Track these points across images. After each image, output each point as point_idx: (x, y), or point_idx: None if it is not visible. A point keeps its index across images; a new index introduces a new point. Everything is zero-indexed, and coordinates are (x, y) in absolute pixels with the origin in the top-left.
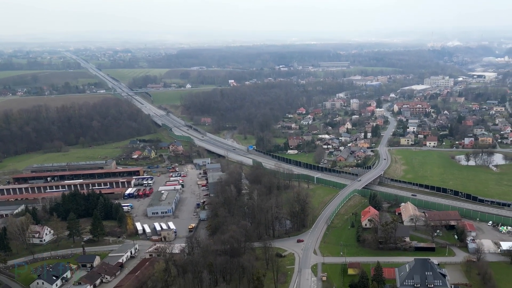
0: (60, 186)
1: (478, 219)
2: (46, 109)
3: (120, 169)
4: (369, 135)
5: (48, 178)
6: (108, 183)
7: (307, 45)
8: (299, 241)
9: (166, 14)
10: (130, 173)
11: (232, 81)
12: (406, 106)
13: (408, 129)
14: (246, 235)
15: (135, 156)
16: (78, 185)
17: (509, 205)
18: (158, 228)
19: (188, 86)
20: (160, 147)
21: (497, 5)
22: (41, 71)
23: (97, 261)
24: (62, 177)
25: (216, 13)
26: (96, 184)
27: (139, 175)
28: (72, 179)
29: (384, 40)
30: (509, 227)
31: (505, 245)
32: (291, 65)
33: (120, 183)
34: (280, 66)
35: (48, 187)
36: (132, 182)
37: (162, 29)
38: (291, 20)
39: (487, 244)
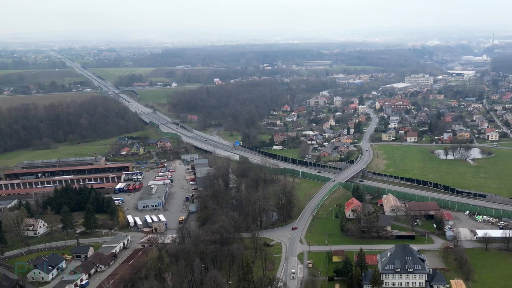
0: (51, 182)
1: (455, 209)
2: (35, 107)
3: (110, 165)
4: (352, 131)
5: (39, 174)
6: (98, 179)
7: (291, 44)
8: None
9: (149, 13)
10: (120, 169)
11: (217, 79)
12: (387, 103)
13: (389, 125)
14: (234, 225)
15: (123, 153)
16: (69, 181)
17: (484, 196)
18: (149, 220)
19: (174, 84)
20: (148, 143)
21: (476, 7)
22: (27, 70)
23: (91, 252)
24: (53, 173)
25: (199, 12)
26: (86, 180)
27: (128, 170)
28: (63, 175)
29: (366, 39)
30: (484, 216)
31: (480, 233)
32: (275, 64)
33: (110, 178)
34: (264, 64)
35: (39, 183)
36: (122, 177)
37: (145, 28)
38: (274, 19)
39: (463, 232)
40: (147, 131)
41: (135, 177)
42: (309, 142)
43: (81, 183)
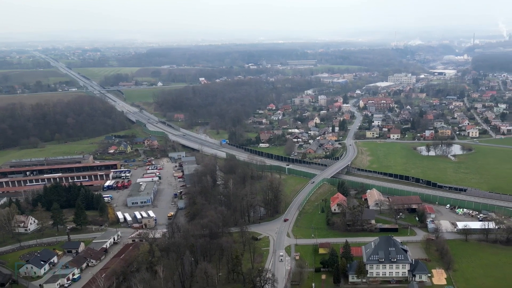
0: (39, 180)
1: (437, 202)
2: (21, 106)
3: (98, 163)
4: (336, 129)
5: (27, 173)
6: (86, 176)
7: (275, 44)
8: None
9: (133, 13)
10: (108, 167)
11: (203, 79)
12: (371, 101)
13: (373, 123)
14: (223, 220)
15: (111, 151)
16: (57, 179)
17: (465, 190)
18: (138, 216)
19: (160, 84)
20: (136, 142)
21: (457, 8)
22: (11, 70)
23: (81, 247)
24: (41, 172)
25: (183, 12)
26: (75, 178)
27: (116, 168)
28: (51, 173)
29: (349, 39)
30: (464, 209)
31: (460, 225)
32: (260, 63)
33: (98, 176)
34: (249, 64)
35: (28, 181)
36: (110, 175)
37: (130, 28)
38: (259, 19)
39: (444, 224)
40: (134, 130)
41: (124, 174)
42: (295, 140)
43: (70, 181)
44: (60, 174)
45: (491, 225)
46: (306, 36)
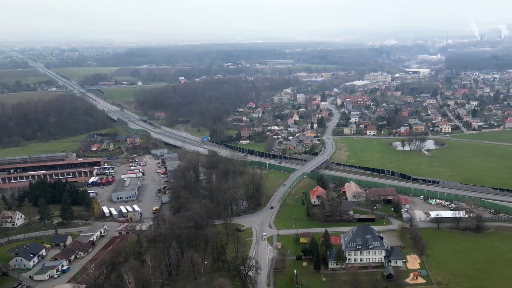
0: (24, 177)
1: (411, 194)
2: (2, 105)
3: (81, 160)
4: (315, 126)
5: (11, 170)
6: (70, 173)
7: (254, 44)
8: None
9: (110, 13)
10: (91, 164)
11: (183, 78)
12: (348, 99)
13: (350, 120)
14: (207, 212)
15: (94, 149)
16: (41, 176)
17: (437, 182)
18: (124, 210)
19: (140, 83)
20: (118, 140)
21: (430, 9)
22: None
23: (69, 240)
24: (25, 169)
25: (161, 12)
26: (59, 175)
27: (100, 165)
28: (35, 171)
29: (326, 39)
30: (437, 200)
31: (433, 214)
32: (239, 63)
33: (82, 172)
34: (229, 63)
35: (12, 178)
36: (94, 172)
37: (107, 27)
38: (236, 18)
39: (418, 214)
40: (115, 128)
41: (107, 171)
42: (275, 136)
43: (54, 178)
44: (44, 171)
45: (462, 214)
46: (284, 36)
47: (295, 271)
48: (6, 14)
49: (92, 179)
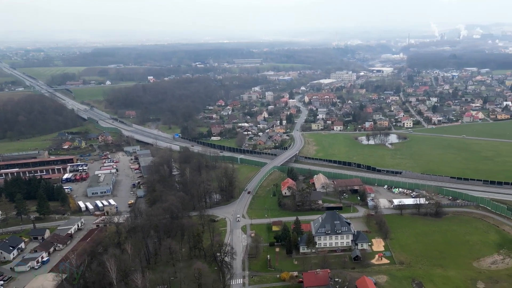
0: None
1: (376, 184)
2: None
3: (53, 158)
4: (284, 122)
5: None
6: (44, 170)
7: (221, 44)
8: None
9: (74, 13)
10: (64, 161)
11: (151, 77)
12: (315, 97)
13: (318, 117)
14: (182, 204)
15: (65, 147)
16: (15, 174)
17: (400, 173)
18: (100, 204)
19: (108, 82)
20: (89, 138)
21: (393, 9)
22: None
23: (47, 234)
24: None
25: (126, 12)
26: (32, 172)
27: (73, 162)
28: (8, 169)
29: (293, 39)
30: (400, 189)
31: (396, 202)
32: (207, 62)
33: (56, 169)
34: (197, 63)
35: None
36: (68, 169)
37: (71, 27)
38: (202, 18)
39: (383, 202)
40: (86, 127)
41: (81, 168)
42: (245, 133)
43: (28, 175)
44: (17, 169)
45: (422, 201)
46: (251, 36)
47: (268, 256)
48: None
49: (66, 176)
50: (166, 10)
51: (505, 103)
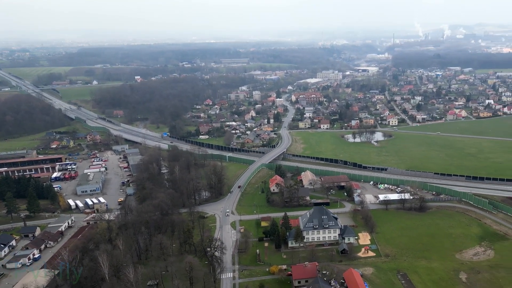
0: None
1: (362, 180)
2: None
3: (42, 157)
4: (271, 121)
5: None
6: (33, 170)
7: (208, 44)
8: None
9: (59, 13)
10: (53, 160)
11: (138, 77)
12: (302, 96)
13: (305, 115)
14: (172, 201)
15: (54, 146)
16: (3, 173)
17: (385, 169)
18: (90, 202)
19: (95, 82)
20: (77, 137)
21: (379, 10)
22: None
23: (38, 231)
24: None
25: (111, 12)
26: (21, 171)
27: (61, 161)
28: None
29: (279, 39)
30: (385, 185)
31: (382, 197)
32: (194, 62)
33: (44, 168)
34: (184, 63)
35: None
36: (57, 168)
37: (56, 28)
38: (189, 18)
39: (368, 197)
40: (74, 126)
41: (70, 167)
42: (233, 131)
43: (17, 174)
44: (6, 168)
45: (407, 196)
46: (237, 36)
47: (257, 250)
48: None
49: (55, 175)
50: (151, 10)
51: (487, 101)
